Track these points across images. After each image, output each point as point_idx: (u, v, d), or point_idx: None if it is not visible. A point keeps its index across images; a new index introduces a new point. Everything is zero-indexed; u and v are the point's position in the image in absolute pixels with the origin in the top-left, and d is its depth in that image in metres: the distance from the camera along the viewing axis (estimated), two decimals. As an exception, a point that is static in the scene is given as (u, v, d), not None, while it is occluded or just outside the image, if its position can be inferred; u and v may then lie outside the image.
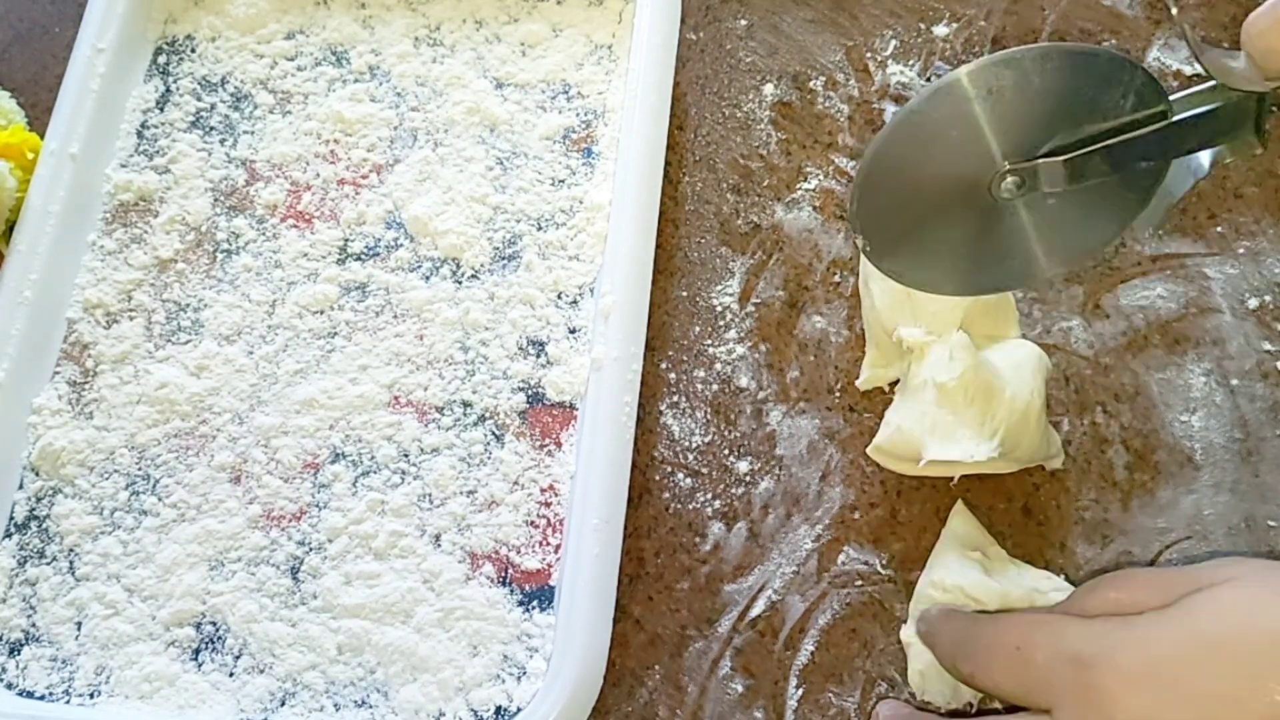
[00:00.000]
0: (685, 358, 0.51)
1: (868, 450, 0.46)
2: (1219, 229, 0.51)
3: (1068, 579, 0.45)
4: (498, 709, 0.44)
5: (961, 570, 0.44)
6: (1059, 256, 0.41)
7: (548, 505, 0.47)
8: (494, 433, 0.49)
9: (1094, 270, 0.51)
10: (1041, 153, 0.36)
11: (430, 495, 0.48)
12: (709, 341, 0.51)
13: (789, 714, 0.45)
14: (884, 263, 0.41)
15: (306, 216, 0.54)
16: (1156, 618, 0.35)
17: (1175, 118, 0.35)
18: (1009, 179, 0.37)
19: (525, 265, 0.51)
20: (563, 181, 0.53)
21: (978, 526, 0.46)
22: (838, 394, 0.50)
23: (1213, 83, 0.36)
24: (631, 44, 0.53)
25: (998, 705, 0.43)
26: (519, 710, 0.44)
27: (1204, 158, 0.38)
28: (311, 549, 0.48)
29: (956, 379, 0.43)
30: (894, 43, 0.56)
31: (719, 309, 0.52)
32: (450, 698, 0.45)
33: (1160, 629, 0.34)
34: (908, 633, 0.45)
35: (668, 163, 0.53)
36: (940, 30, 0.56)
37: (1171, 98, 0.36)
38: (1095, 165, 0.36)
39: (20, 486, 0.50)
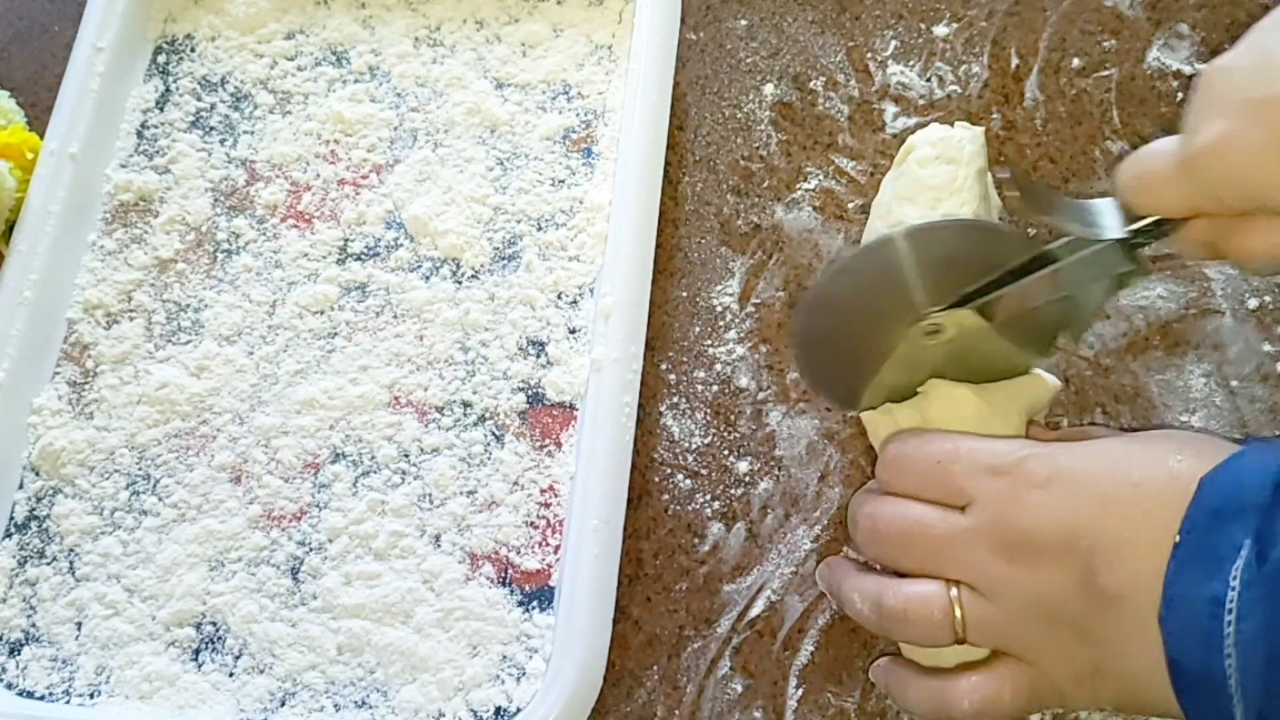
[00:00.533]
0: (685, 358, 0.51)
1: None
2: (1219, 230, 0.51)
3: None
4: (497, 709, 0.44)
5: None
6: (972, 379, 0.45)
7: (547, 506, 0.47)
8: (494, 433, 0.49)
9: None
10: (949, 304, 0.42)
11: (430, 495, 0.48)
12: (709, 342, 0.51)
13: (789, 714, 0.45)
14: (810, 375, 0.47)
15: (306, 217, 0.54)
16: (1070, 444, 0.40)
17: (1052, 267, 0.40)
18: (925, 323, 0.42)
19: (525, 265, 0.51)
20: (563, 182, 0.53)
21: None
22: (837, 394, 0.50)
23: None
24: (631, 44, 0.53)
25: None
26: (518, 710, 0.44)
27: (1099, 290, 0.42)
28: (312, 549, 0.48)
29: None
30: (894, 43, 0.56)
31: (719, 309, 0.52)
32: (450, 698, 0.45)
33: (1068, 448, 0.39)
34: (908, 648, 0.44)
35: (668, 163, 0.53)
36: (940, 30, 0.56)
37: (1051, 246, 0.40)
38: (992, 308, 0.41)
39: (20, 486, 0.50)
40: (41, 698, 0.46)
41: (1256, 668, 0.33)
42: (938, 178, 0.44)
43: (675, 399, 0.51)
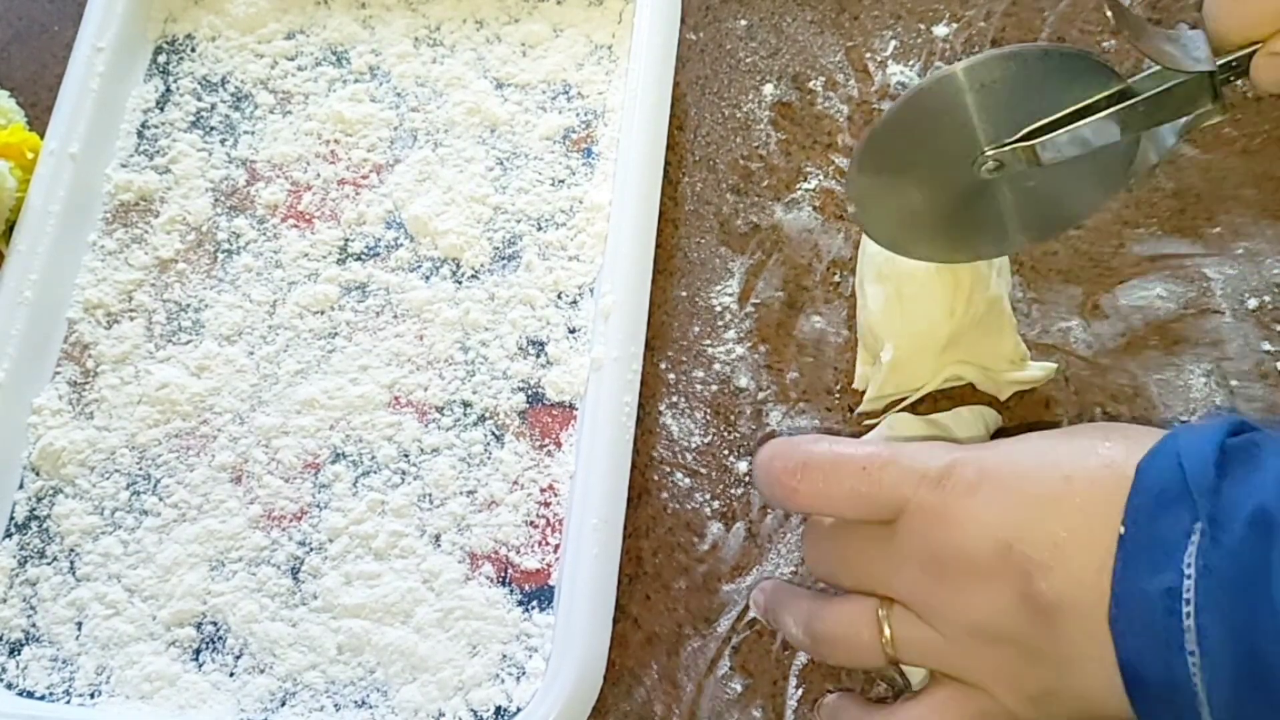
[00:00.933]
0: (685, 358, 0.51)
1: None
2: (1218, 230, 0.51)
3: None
4: (497, 709, 0.45)
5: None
6: (1035, 230, 0.44)
7: (547, 505, 0.47)
8: (494, 433, 0.49)
9: (1093, 271, 0.51)
10: (1017, 137, 0.40)
11: (430, 495, 0.48)
12: (708, 342, 0.51)
13: (789, 714, 0.45)
14: (870, 226, 0.44)
15: (307, 216, 0.54)
16: (996, 443, 0.38)
17: (1133, 99, 0.38)
18: (989, 161, 0.40)
19: (525, 265, 0.51)
20: (563, 181, 0.53)
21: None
22: (837, 394, 0.50)
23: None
24: (631, 44, 0.53)
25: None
26: (519, 710, 0.44)
27: (1170, 131, 0.40)
28: (312, 549, 0.48)
29: None
30: (894, 43, 0.56)
31: (718, 309, 0.52)
32: (450, 697, 0.45)
33: (995, 447, 0.38)
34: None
35: (668, 163, 0.53)
36: (940, 31, 0.56)
37: (1133, 79, 0.38)
38: (1063, 146, 0.39)
39: (20, 486, 0.50)
40: (41, 698, 0.46)
41: (1224, 667, 0.31)
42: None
43: (675, 398, 0.51)
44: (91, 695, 0.46)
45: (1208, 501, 0.32)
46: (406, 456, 0.49)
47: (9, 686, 0.47)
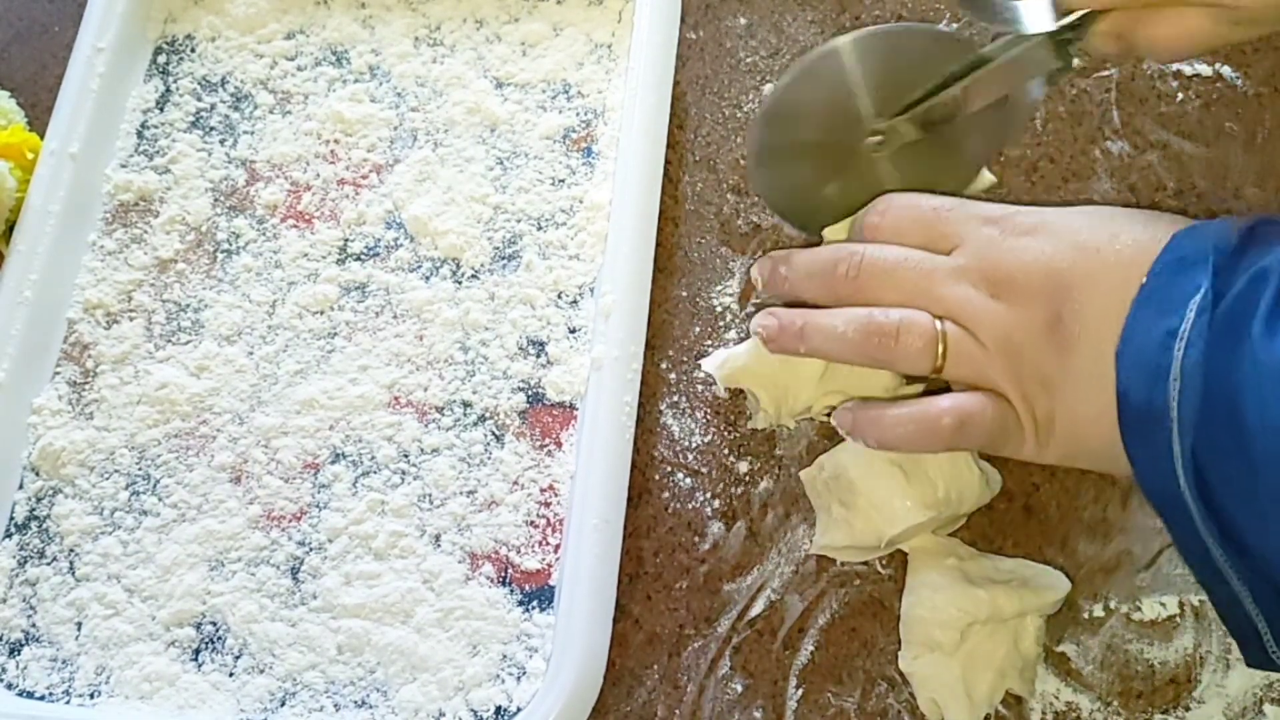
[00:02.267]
0: (685, 358, 0.51)
1: (819, 553, 0.47)
2: (1219, 228, 0.51)
3: (1067, 576, 0.45)
4: (497, 709, 0.44)
5: (945, 584, 0.43)
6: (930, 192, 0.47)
7: (547, 505, 0.47)
8: (494, 433, 0.49)
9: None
10: (897, 112, 0.44)
11: (430, 495, 0.48)
12: (709, 341, 0.51)
13: (789, 714, 0.45)
14: (766, 192, 0.49)
15: (306, 216, 0.54)
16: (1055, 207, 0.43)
17: (987, 66, 0.43)
18: (873, 136, 0.45)
19: (525, 265, 0.51)
20: (563, 181, 0.53)
21: (937, 537, 0.46)
22: (838, 394, 0.50)
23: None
24: (631, 43, 0.53)
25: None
26: (519, 710, 0.44)
27: (1036, 87, 0.44)
28: (311, 549, 0.48)
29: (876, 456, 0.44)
30: (894, 42, 0.56)
31: (719, 309, 0.52)
32: (450, 697, 0.45)
33: (1059, 209, 0.42)
34: (906, 662, 0.44)
35: (668, 162, 0.53)
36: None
37: (985, 49, 0.43)
38: (934, 113, 0.44)
39: (20, 486, 0.50)
40: (41, 698, 0.46)
41: (1194, 395, 0.35)
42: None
43: (675, 398, 0.50)
44: (91, 695, 0.46)
45: (1223, 262, 0.36)
46: (406, 456, 0.49)
47: (9, 686, 0.47)
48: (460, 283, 0.52)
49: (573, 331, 0.50)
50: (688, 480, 0.49)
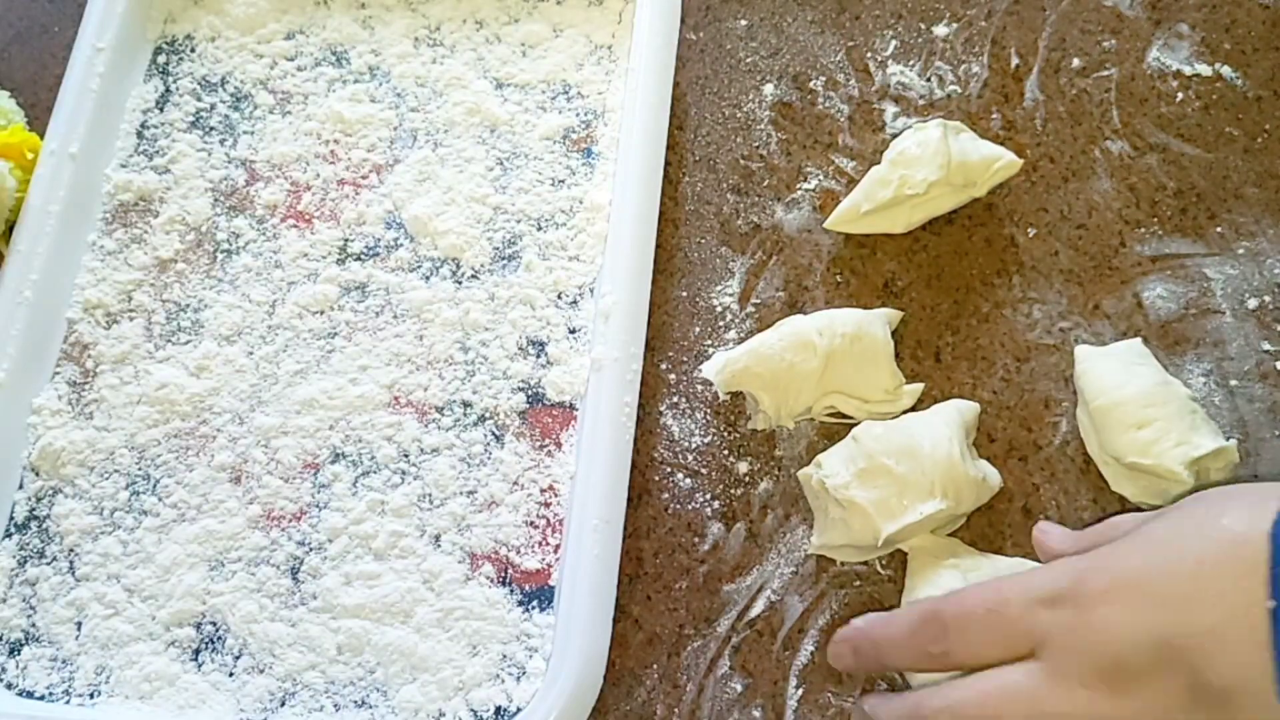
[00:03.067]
0: (685, 358, 0.51)
1: (818, 552, 0.47)
2: (1219, 229, 0.51)
3: None
4: (497, 709, 0.44)
5: (944, 584, 0.43)
6: None
7: (547, 505, 0.47)
8: (494, 433, 0.49)
9: (1094, 271, 0.51)
10: None
11: (430, 495, 0.48)
12: (709, 342, 0.51)
13: (789, 714, 0.45)
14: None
15: (306, 216, 0.54)
16: (1113, 545, 0.38)
17: None
18: None
19: (525, 265, 0.51)
20: (563, 181, 0.53)
21: (936, 536, 0.46)
22: (837, 394, 0.50)
23: None
24: (631, 44, 0.53)
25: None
26: (519, 710, 0.44)
27: None
28: (311, 549, 0.48)
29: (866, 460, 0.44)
30: (894, 43, 0.56)
31: (719, 309, 0.52)
32: (450, 697, 0.45)
33: (1112, 552, 0.37)
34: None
35: (668, 163, 0.53)
36: (940, 30, 0.56)
37: None
38: None
39: (20, 486, 0.50)
40: (41, 698, 0.46)
41: None
42: None
43: (675, 399, 0.50)
44: (91, 695, 0.46)
45: None
46: (406, 456, 0.49)
47: (9, 686, 0.47)
48: (460, 283, 0.52)
49: (573, 332, 0.50)
50: (687, 481, 0.49)
